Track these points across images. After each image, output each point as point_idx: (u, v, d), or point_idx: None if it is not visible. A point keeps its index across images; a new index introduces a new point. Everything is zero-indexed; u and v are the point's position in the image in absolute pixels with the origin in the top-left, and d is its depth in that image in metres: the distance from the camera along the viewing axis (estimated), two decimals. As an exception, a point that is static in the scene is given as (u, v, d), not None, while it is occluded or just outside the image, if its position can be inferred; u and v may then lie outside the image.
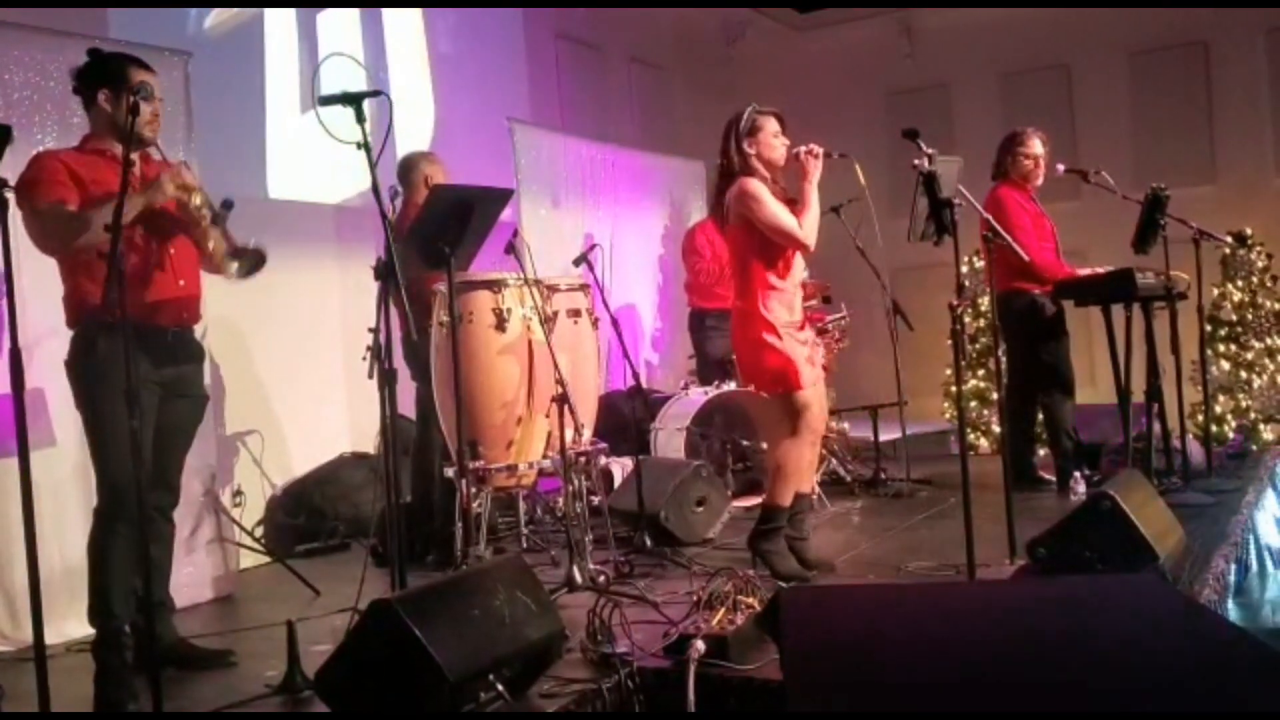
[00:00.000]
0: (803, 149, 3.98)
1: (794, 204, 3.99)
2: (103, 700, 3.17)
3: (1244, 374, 8.17)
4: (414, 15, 6.70)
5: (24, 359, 2.66)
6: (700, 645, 2.91)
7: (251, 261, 3.42)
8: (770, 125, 4.01)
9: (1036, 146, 5.56)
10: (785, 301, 3.98)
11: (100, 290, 3.00)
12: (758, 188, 3.93)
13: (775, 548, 4.03)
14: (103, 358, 3.14)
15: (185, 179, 3.34)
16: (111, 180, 3.01)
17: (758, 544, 4.06)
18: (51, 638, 3.02)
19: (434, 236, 3.84)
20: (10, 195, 2.65)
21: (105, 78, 3.35)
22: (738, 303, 4.06)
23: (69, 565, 3.85)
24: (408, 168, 5.06)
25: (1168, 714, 1.91)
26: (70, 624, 3.79)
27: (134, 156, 3.32)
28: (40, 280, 3.50)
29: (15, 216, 2.68)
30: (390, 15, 6.56)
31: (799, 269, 4.07)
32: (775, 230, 3.91)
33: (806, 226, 3.93)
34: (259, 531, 5.30)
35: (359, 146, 3.16)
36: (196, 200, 3.37)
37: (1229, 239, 7.30)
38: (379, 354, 3.25)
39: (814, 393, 4.03)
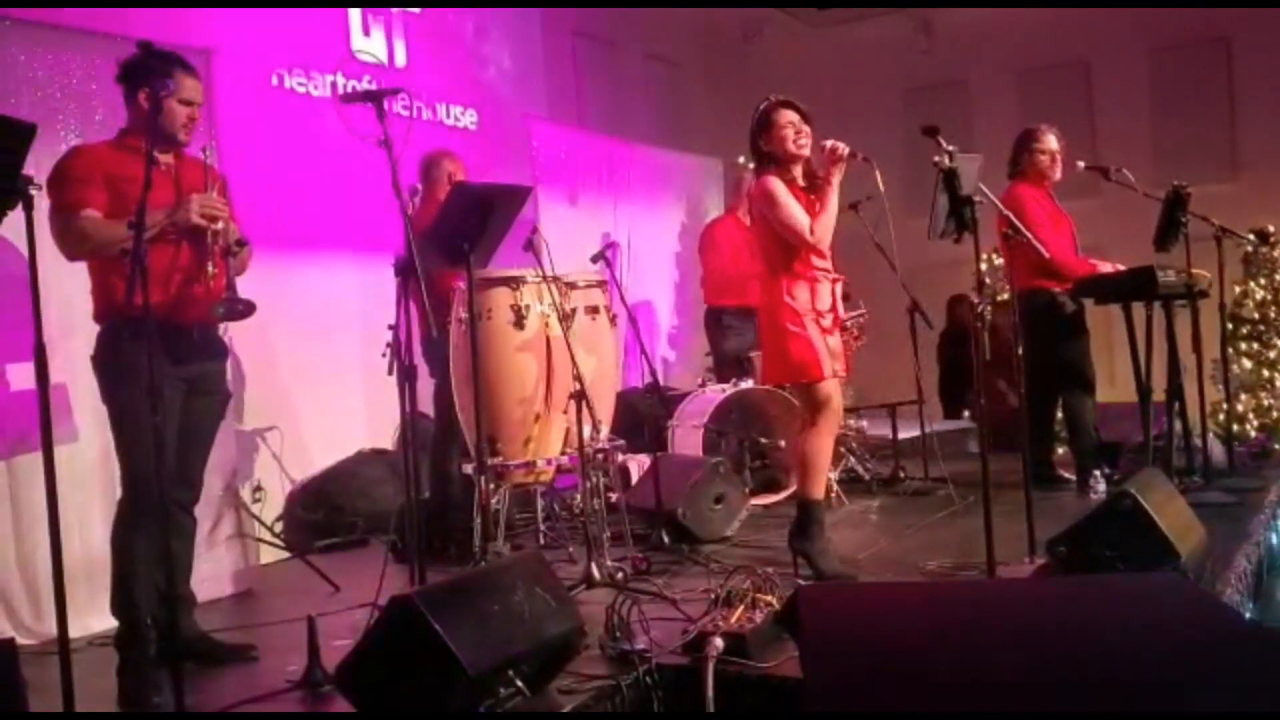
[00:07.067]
0: (827, 143, 3.95)
1: (815, 192, 3.98)
2: (127, 694, 3.19)
3: (1266, 372, 8.13)
4: (433, 14, 6.71)
5: (46, 354, 2.67)
6: (719, 642, 2.91)
7: (232, 310, 3.36)
8: (783, 117, 3.98)
9: (1051, 142, 5.52)
10: (810, 290, 3.98)
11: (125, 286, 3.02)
12: (775, 187, 3.95)
13: (816, 546, 3.96)
14: (127, 354, 3.15)
15: (214, 207, 3.33)
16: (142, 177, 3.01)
17: (798, 543, 4.00)
18: (74, 631, 3.02)
19: (454, 234, 3.85)
20: (35, 192, 2.66)
21: (148, 78, 3.29)
22: (763, 296, 4.06)
23: (91, 559, 3.88)
24: (428, 165, 5.09)
25: (1189, 713, 1.90)
26: (92, 618, 3.80)
27: (169, 158, 3.34)
28: (60, 277, 3.52)
29: (40, 212, 2.70)
30: (410, 14, 6.57)
31: (826, 261, 4.03)
32: (787, 231, 3.93)
33: (819, 230, 3.93)
34: (278, 527, 5.33)
35: (380, 144, 3.17)
36: (218, 225, 3.36)
37: (1251, 236, 7.24)
38: (398, 351, 3.27)
39: (834, 385, 4.01)
